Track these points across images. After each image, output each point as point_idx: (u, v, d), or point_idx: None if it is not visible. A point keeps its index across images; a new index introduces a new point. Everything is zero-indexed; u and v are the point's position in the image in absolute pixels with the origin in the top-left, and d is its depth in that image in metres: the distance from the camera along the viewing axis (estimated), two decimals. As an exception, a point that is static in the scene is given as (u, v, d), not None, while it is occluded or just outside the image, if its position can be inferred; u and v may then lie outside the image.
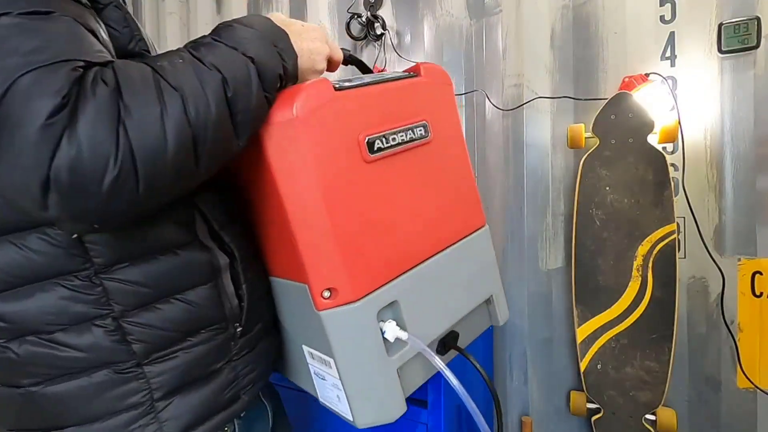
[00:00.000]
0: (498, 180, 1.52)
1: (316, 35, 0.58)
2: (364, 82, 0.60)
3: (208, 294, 0.56)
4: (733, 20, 1.18)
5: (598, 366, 1.29)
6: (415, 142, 0.62)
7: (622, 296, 1.26)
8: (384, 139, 0.58)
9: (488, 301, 0.76)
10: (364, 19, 1.74)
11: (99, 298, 0.49)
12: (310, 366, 0.65)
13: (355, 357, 0.58)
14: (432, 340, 0.65)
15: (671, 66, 1.27)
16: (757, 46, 1.16)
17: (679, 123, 1.21)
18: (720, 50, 1.20)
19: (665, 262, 1.22)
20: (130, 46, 0.52)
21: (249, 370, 0.62)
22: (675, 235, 1.22)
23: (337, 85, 0.55)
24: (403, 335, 0.58)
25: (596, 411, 1.30)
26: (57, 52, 0.38)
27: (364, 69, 0.77)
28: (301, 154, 0.51)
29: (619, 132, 1.28)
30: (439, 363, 0.59)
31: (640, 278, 1.25)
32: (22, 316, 0.48)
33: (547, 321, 1.45)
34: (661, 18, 1.28)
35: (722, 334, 1.22)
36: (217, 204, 0.59)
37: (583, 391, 1.32)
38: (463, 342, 0.70)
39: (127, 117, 0.38)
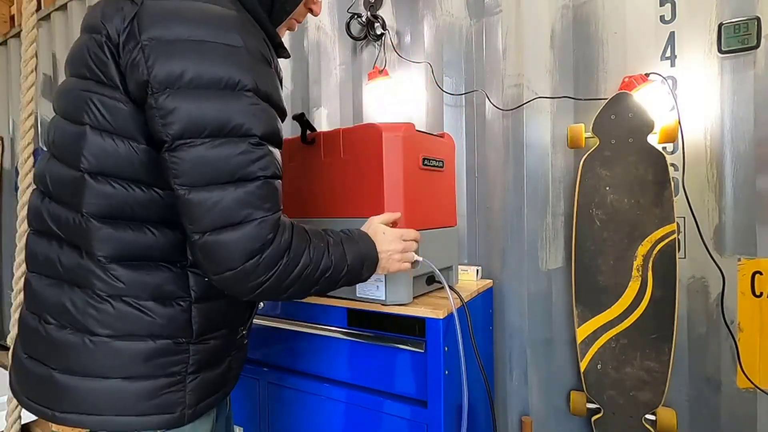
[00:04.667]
0: (498, 180, 1.52)
1: (391, 238, 0.86)
2: (425, 131, 1.16)
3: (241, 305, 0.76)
4: (733, 20, 1.18)
5: (598, 366, 1.29)
6: (438, 167, 1.16)
7: (622, 296, 1.26)
8: (428, 160, 1.10)
9: (450, 268, 1.22)
10: (364, 19, 1.74)
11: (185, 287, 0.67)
12: None
13: None
14: (427, 272, 1.12)
15: (671, 66, 1.27)
16: (757, 46, 1.16)
17: (679, 123, 1.21)
18: (720, 50, 1.20)
19: (665, 262, 1.22)
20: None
21: (237, 365, 0.80)
22: (675, 235, 1.22)
23: (417, 129, 1.07)
24: (420, 258, 0.97)
25: (596, 411, 1.30)
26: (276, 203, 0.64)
27: None
28: (396, 152, 1.00)
29: (619, 132, 1.28)
30: (435, 269, 1.00)
31: (640, 278, 1.25)
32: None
33: (547, 321, 1.45)
34: (661, 18, 1.28)
35: (722, 334, 1.22)
36: None
37: (583, 391, 1.32)
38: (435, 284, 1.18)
39: (290, 261, 0.64)
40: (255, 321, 1.28)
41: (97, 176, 0.60)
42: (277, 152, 0.65)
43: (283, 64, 2.40)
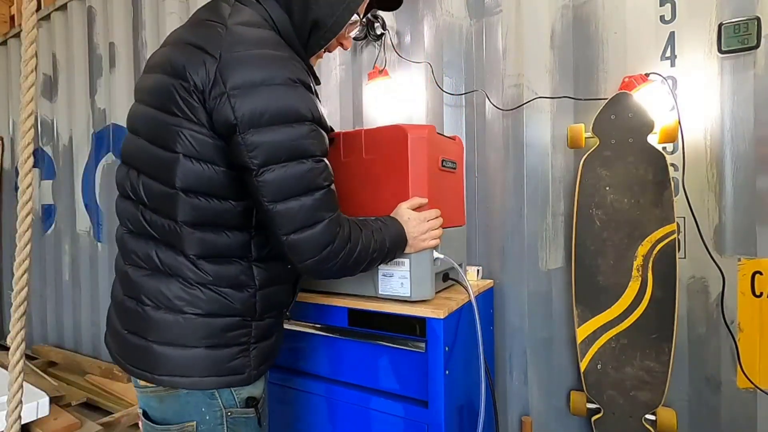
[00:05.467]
0: (498, 180, 1.52)
1: (416, 223, 1.01)
2: (444, 134, 1.21)
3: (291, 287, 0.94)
4: (733, 20, 1.18)
5: (598, 366, 1.29)
6: (452, 169, 1.20)
7: (622, 296, 1.27)
8: (445, 161, 1.15)
9: (460, 266, 1.18)
10: (364, 19, 1.73)
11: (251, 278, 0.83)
12: (380, 270, 1.09)
13: (419, 261, 1.05)
14: (444, 269, 1.17)
15: (671, 66, 1.27)
16: (757, 46, 1.16)
17: (679, 123, 1.21)
18: (720, 50, 1.20)
19: (665, 262, 1.22)
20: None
21: (281, 339, 0.95)
22: (675, 235, 1.22)
23: (438, 131, 1.12)
24: (441, 256, 1.07)
25: (596, 411, 1.30)
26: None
27: None
28: (421, 153, 1.04)
29: (619, 132, 1.28)
30: (455, 264, 1.09)
31: (640, 278, 1.25)
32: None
33: (547, 321, 1.45)
34: (661, 18, 1.28)
35: (722, 334, 1.22)
36: None
37: (583, 391, 1.33)
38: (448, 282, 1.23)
39: (348, 250, 0.82)
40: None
41: (188, 192, 0.75)
42: (328, 163, 0.80)
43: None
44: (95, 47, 2.79)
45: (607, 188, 1.29)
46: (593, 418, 1.31)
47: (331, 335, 1.16)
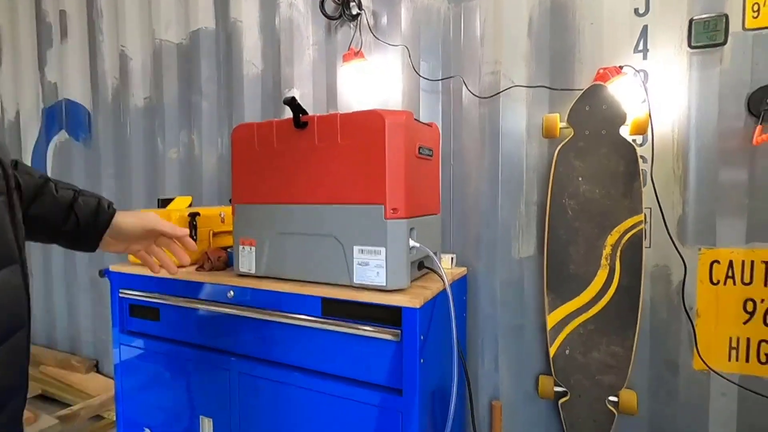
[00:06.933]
0: (473, 167, 1.52)
1: None
2: (420, 120, 1.17)
3: None
4: (703, 16, 1.21)
5: (567, 351, 1.33)
6: (427, 156, 1.18)
7: (591, 284, 1.30)
8: (422, 149, 1.13)
9: (435, 254, 1.15)
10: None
11: None
12: (355, 259, 1.07)
13: (396, 249, 1.04)
14: (420, 258, 1.16)
15: (643, 59, 1.29)
16: (724, 43, 1.20)
17: (650, 116, 1.24)
18: (690, 45, 1.23)
19: (632, 252, 1.26)
20: None
21: None
22: (642, 225, 1.26)
23: (415, 117, 1.11)
24: (417, 244, 1.07)
25: (563, 394, 1.35)
26: None
27: None
28: (398, 139, 1.02)
29: (593, 123, 1.30)
30: (431, 253, 1.08)
31: (608, 267, 1.28)
32: None
33: (519, 308, 1.48)
34: (635, 11, 1.29)
35: (682, 320, 1.28)
36: None
37: (551, 375, 1.37)
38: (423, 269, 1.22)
39: None
40: (223, 310, 1.23)
41: None
42: None
43: (252, 40, 2.28)
44: (44, 15, 2.57)
45: (580, 179, 1.31)
46: (560, 401, 1.35)
47: (304, 325, 1.14)
